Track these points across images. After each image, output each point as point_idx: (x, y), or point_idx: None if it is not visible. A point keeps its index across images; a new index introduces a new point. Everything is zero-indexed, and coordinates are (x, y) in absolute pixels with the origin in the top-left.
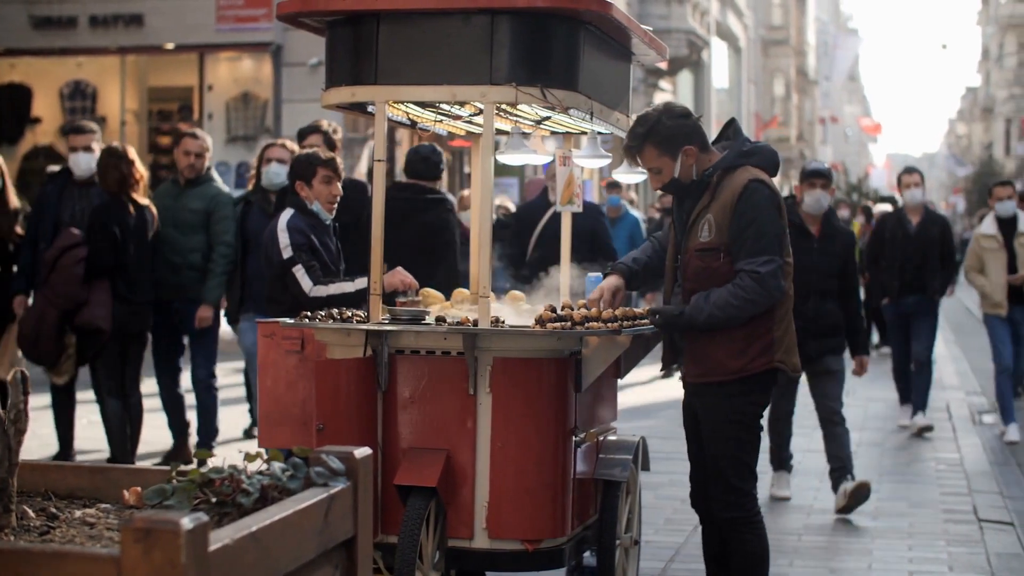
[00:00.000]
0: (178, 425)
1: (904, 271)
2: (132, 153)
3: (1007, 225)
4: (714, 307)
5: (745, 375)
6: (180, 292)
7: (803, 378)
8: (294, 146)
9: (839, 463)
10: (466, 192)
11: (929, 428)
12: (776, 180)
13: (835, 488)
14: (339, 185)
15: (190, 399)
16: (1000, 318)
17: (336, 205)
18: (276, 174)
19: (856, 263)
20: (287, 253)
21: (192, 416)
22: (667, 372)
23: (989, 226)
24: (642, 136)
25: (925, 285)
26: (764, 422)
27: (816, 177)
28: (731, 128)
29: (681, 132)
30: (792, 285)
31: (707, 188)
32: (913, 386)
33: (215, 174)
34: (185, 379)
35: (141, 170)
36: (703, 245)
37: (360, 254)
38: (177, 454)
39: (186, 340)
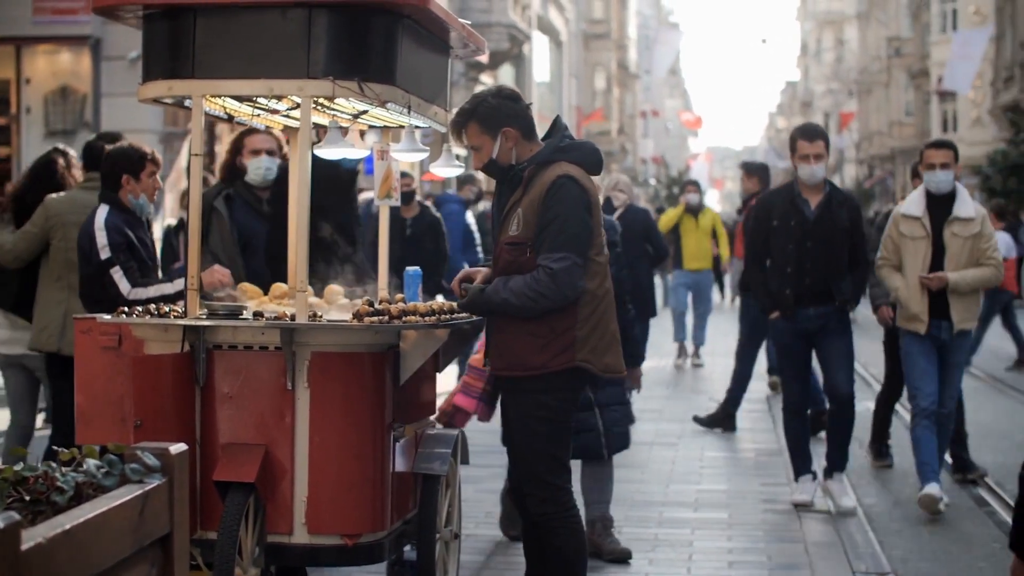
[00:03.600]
0: None
1: (801, 273)
2: None
3: (939, 206)
4: (510, 292)
5: (546, 372)
6: None
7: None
8: (279, 135)
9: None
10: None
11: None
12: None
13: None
14: (159, 179)
15: None
16: (918, 337)
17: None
18: (268, 169)
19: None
20: (105, 254)
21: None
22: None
23: (915, 205)
24: (468, 112)
25: (831, 291)
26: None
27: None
28: (556, 125)
29: (503, 112)
30: (604, 284)
31: (522, 182)
32: (828, 436)
33: None
34: None
35: None
36: (512, 239)
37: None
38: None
39: None
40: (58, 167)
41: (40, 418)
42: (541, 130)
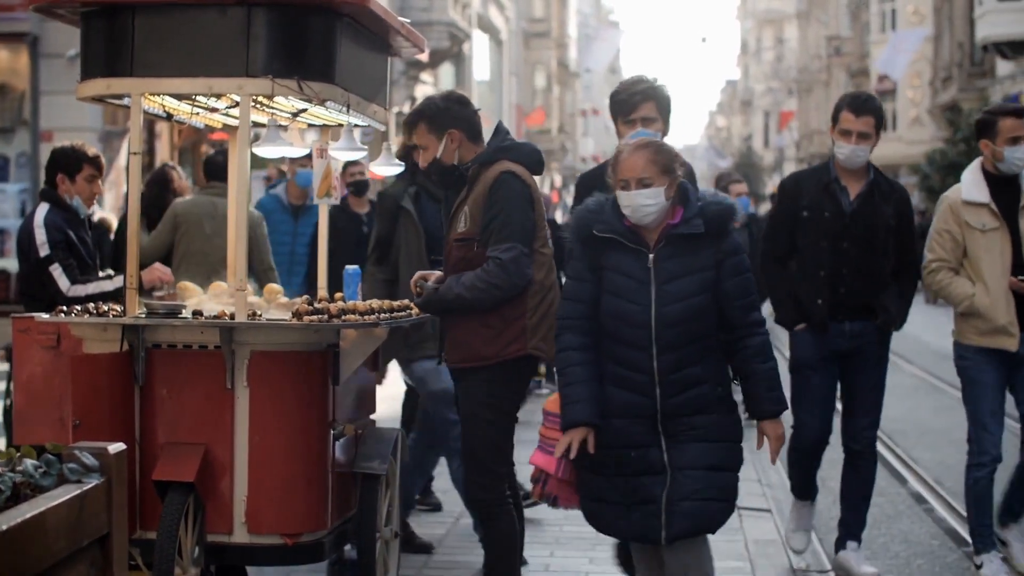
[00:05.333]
0: None
1: (836, 280)
2: None
3: (1003, 189)
4: (463, 287)
5: (500, 361)
6: None
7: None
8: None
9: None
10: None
11: None
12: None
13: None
14: (100, 184)
15: None
16: (993, 359)
17: (95, 203)
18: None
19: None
20: (44, 251)
21: None
22: (440, 360)
23: (977, 189)
24: (417, 112)
25: (873, 304)
26: None
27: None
28: (498, 129)
29: (450, 115)
30: (550, 275)
31: (467, 181)
32: (843, 495)
33: None
34: None
35: None
36: (460, 235)
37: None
38: None
39: None
40: (172, 178)
41: None
42: (485, 131)
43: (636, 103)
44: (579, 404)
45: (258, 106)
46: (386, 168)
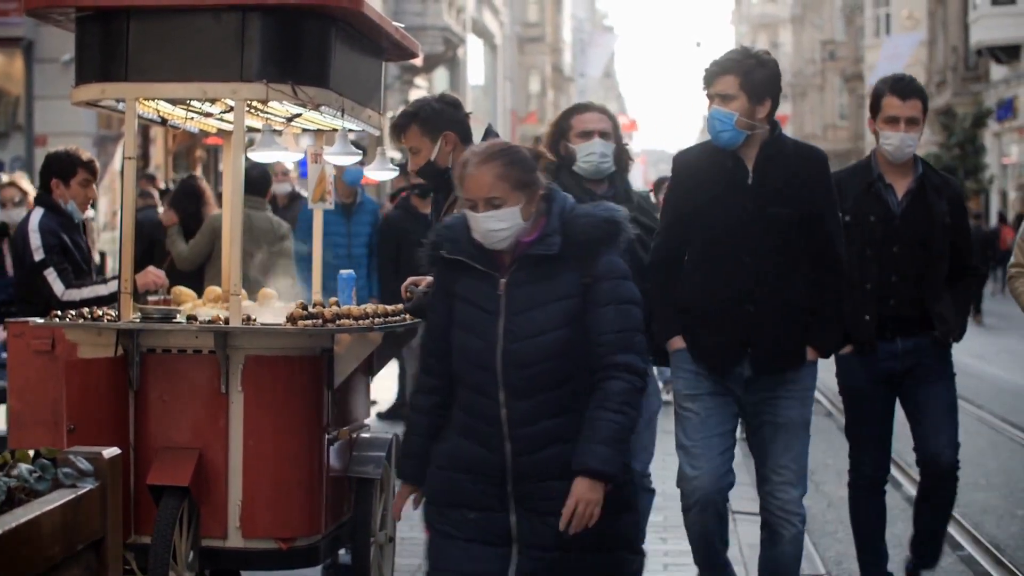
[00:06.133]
0: None
1: (885, 291)
2: None
3: None
4: None
5: None
6: None
7: None
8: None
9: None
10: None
11: None
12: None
13: None
14: (94, 188)
15: None
16: None
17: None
18: (603, 156)
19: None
20: (38, 255)
21: None
22: None
23: None
24: (410, 115)
25: (929, 316)
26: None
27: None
28: (488, 133)
29: (445, 117)
30: None
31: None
32: (917, 519)
33: None
34: None
35: None
36: None
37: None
38: None
39: None
40: (205, 190)
41: None
42: (476, 133)
43: (712, 75)
44: (407, 460)
45: (253, 111)
46: (380, 173)
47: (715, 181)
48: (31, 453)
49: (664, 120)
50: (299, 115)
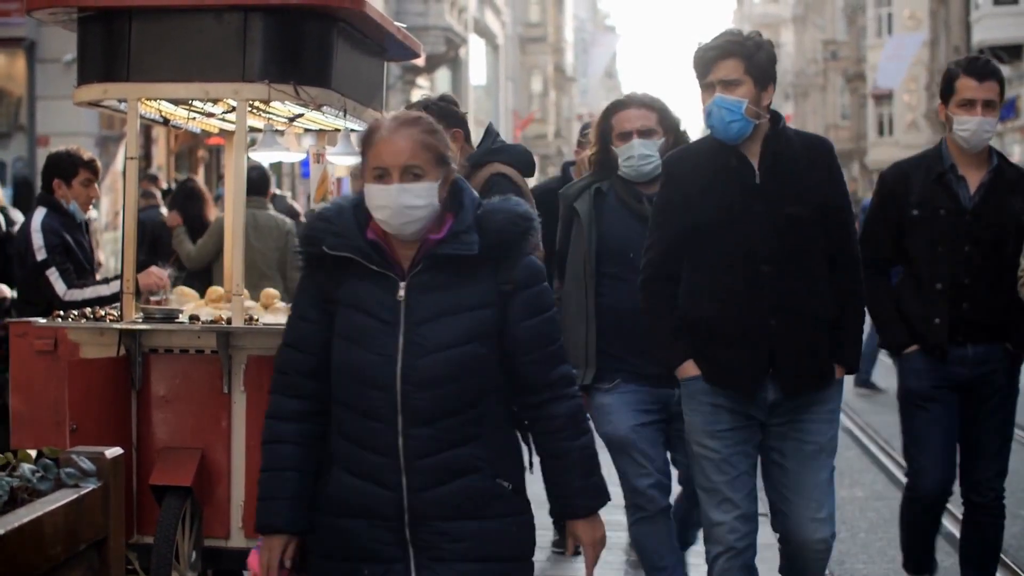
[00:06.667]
0: None
1: (957, 292)
2: None
3: None
4: None
5: None
6: None
7: None
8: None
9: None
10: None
11: None
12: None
13: None
14: (96, 188)
15: None
16: None
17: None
18: (644, 158)
19: None
20: (41, 255)
21: None
22: None
23: None
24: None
25: (1004, 324)
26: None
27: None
28: (488, 131)
29: (453, 115)
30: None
31: None
32: (964, 555)
33: None
34: None
35: None
36: None
37: None
38: None
39: None
40: (199, 188)
41: None
42: (477, 134)
43: (711, 60)
44: (277, 502)
45: (255, 111)
46: None
47: (721, 184)
48: (33, 453)
49: None
50: (301, 115)
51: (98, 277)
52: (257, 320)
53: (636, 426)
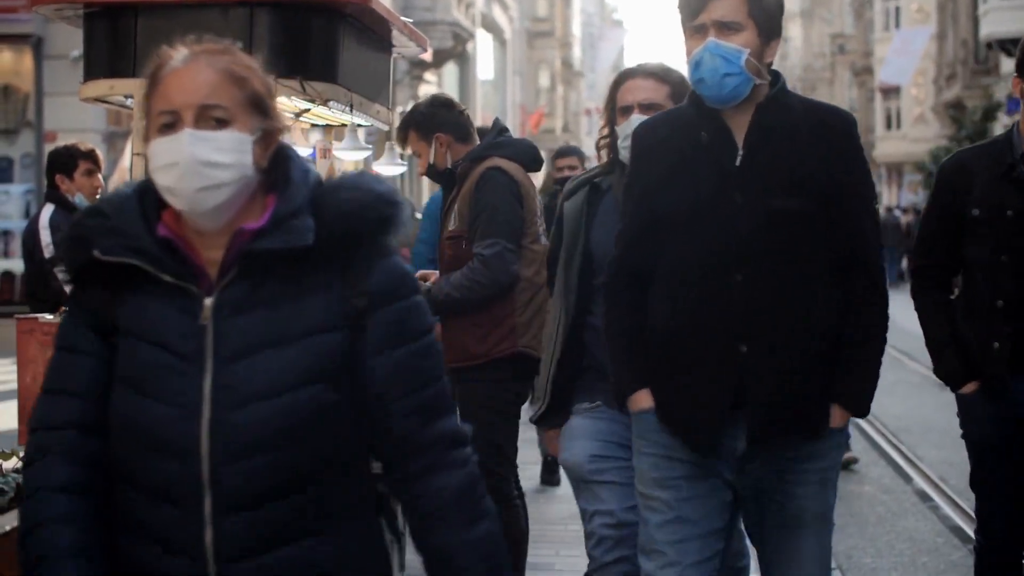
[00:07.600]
0: None
1: (1022, 310)
2: None
3: None
4: (451, 287)
5: (491, 360)
6: None
7: None
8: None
9: None
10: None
11: None
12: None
13: None
14: (100, 177)
15: None
16: None
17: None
18: None
19: None
20: (49, 252)
21: None
22: None
23: None
24: (406, 122)
25: None
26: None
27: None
28: (494, 126)
29: (435, 120)
30: (541, 272)
31: (458, 179)
32: None
33: None
34: None
35: None
36: (451, 233)
37: None
38: None
39: None
40: None
41: None
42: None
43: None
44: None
45: None
46: (389, 168)
47: (691, 165)
48: None
49: None
50: (307, 110)
51: None
52: None
53: (595, 456)
